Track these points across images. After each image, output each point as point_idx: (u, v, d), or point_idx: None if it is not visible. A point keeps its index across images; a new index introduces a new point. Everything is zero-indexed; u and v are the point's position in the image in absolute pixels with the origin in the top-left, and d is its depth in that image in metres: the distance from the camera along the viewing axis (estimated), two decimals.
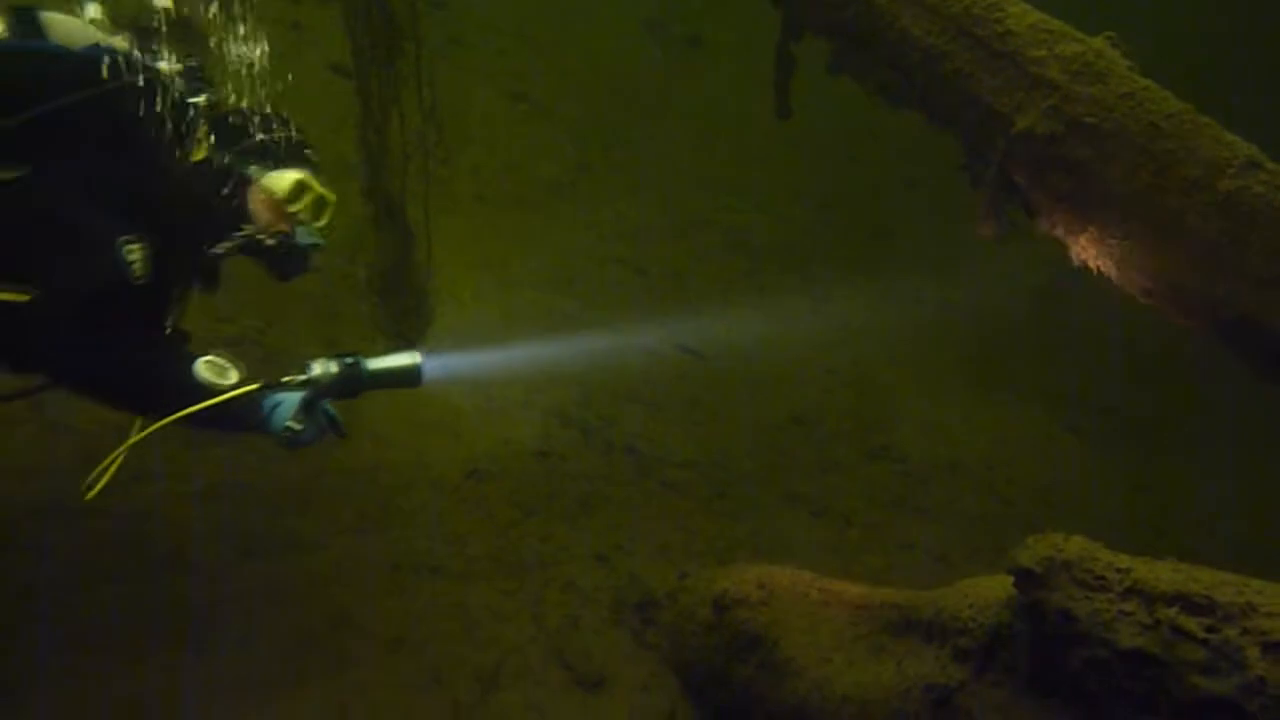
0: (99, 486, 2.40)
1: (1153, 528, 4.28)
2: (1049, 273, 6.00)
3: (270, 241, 2.59)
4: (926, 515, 4.17)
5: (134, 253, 2.30)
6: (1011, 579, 1.97)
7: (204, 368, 2.43)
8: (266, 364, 3.65)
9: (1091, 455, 4.92)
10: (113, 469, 2.41)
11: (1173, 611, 1.65)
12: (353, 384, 2.62)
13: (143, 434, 2.43)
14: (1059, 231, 3.07)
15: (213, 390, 2.40)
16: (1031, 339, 5.74)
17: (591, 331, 5.10)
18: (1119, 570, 1.76)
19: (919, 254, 6.55)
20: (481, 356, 3.32)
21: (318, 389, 2.56)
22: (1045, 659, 1.91)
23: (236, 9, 2.58)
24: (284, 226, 2.59)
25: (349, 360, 2.61)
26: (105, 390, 2.40)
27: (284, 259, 2.66)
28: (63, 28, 2.33)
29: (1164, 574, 1.72)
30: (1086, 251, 3.04)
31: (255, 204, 2.57)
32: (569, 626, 3.03)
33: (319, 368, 2.59)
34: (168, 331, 2.62)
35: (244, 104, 2.64)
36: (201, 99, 2.52)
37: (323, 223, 2.65)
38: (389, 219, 3.93)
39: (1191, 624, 1.62)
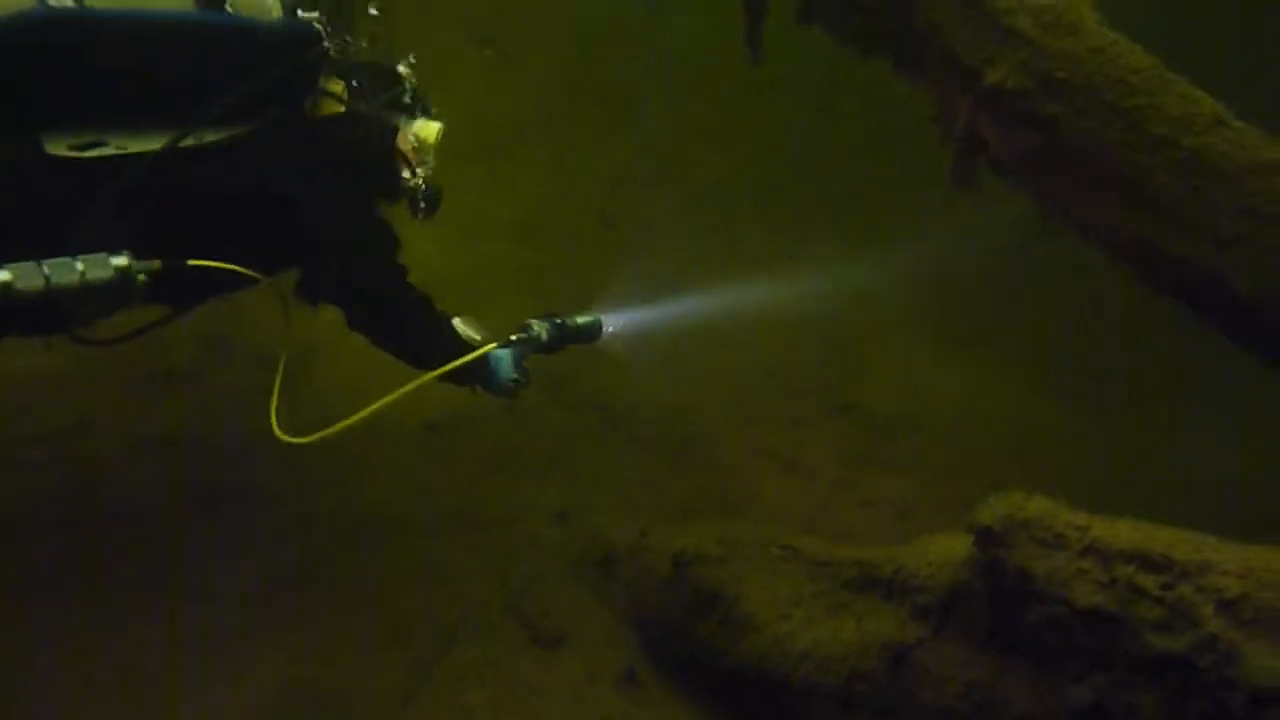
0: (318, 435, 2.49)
1: (1123, 483, 4.31)
2: (1021, 230, 6.02)
3: (426, 187, 2.79)
4: (893, 470, 4.17)
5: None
6: (972, 537, 1.97)
7: (460, 325, 2.79)
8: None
9: (1063, 411, 4.94)
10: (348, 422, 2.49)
11: (1130, 569, 1.65)
12: (556, 340, 3.03)
13: (409, 388, 2.57)
14: (1029, 188, 3.05)
15: (471, 345, 2.71)
16: (1003, 295, 5.73)
17: (561, 284, 5.04)
18: (1078, 528, 1.76)
19: (893, 207, 6.50)
20: (639, 315, 3.57)
21: (533, 345, 2.95)
22: (1003, 617, 1.92)
23: None
24: (424, 171, 2.79)
25: (556, 319, 3.04)
26: (404, 338, 2.65)
27: (434, 200, 2.84)
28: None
29: (1123, 532, 1.72)
30: (1056, 209, 3.01)
31: (405, 151, 2.75)
32: (530, 583, 3.02)
33: (536, 326, 2.99)
34: None
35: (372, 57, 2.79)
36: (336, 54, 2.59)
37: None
38: None
39: (1148, 581, 1.63)
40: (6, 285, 1.85)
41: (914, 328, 5.62)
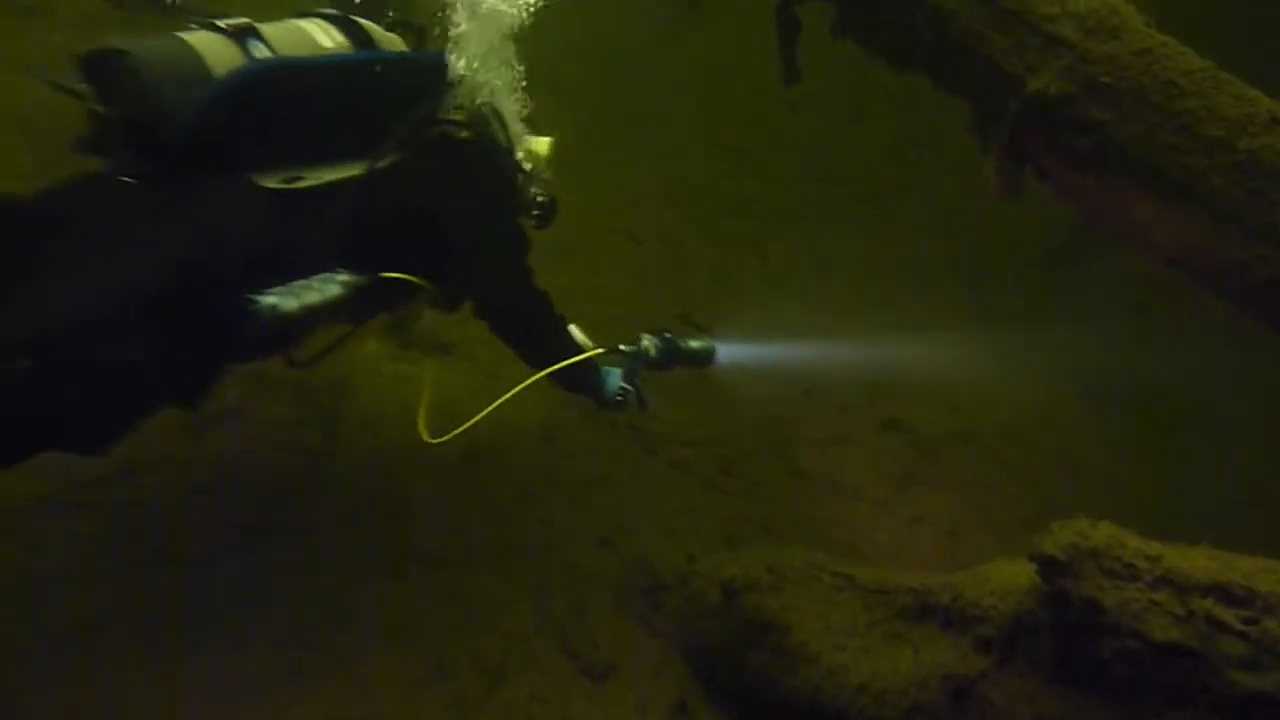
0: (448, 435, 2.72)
1: (1169, 501, 4.18)
2: (1061, 235, 5.89)
3: (543, 197, 2.93)
4: (940, 488, 4.08)
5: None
6: (1034, 565, 1.89)
7: (575, 331, 2.98)
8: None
9: (1107, 423, 4.81)
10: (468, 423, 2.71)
11: (1208, 602, 1.56)
12: (666, 358, 3.14)
13: (521, 387, 2.74)
14: (1074, 195, 2.96)
15: (582, 348, 2.91)
16: (1042, 303, 5.62)
17: (595, 303, 4.99)
18: (1149, 558, 1.68)
19: (925, 217, 6.40)
20: (752, 347, 3.69)
21: (643, 359, 3.09)
22: (1070, 649, 1.83)
23: None
24: (540, 186, 2.93)
25: (667, 336, 3.16)
26: (526, 335, 2.87)
27: (550, 210, 2.97)
28: (379, 33, 2.57)
29: (1198, 562, 1.63)
30: (1104, 215, 2.93)
31: (523, 166, 2.90)
32: (574, 613, 2.96)
33: (646, 341, 3.12)
34: None
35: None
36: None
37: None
38: None
39: (1229, 615, 1.54)
40: (272, 308, 2.06)
41: (953, 341, 5.52)
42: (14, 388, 1.78)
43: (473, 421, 2.71)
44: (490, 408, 2.71)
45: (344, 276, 2.24)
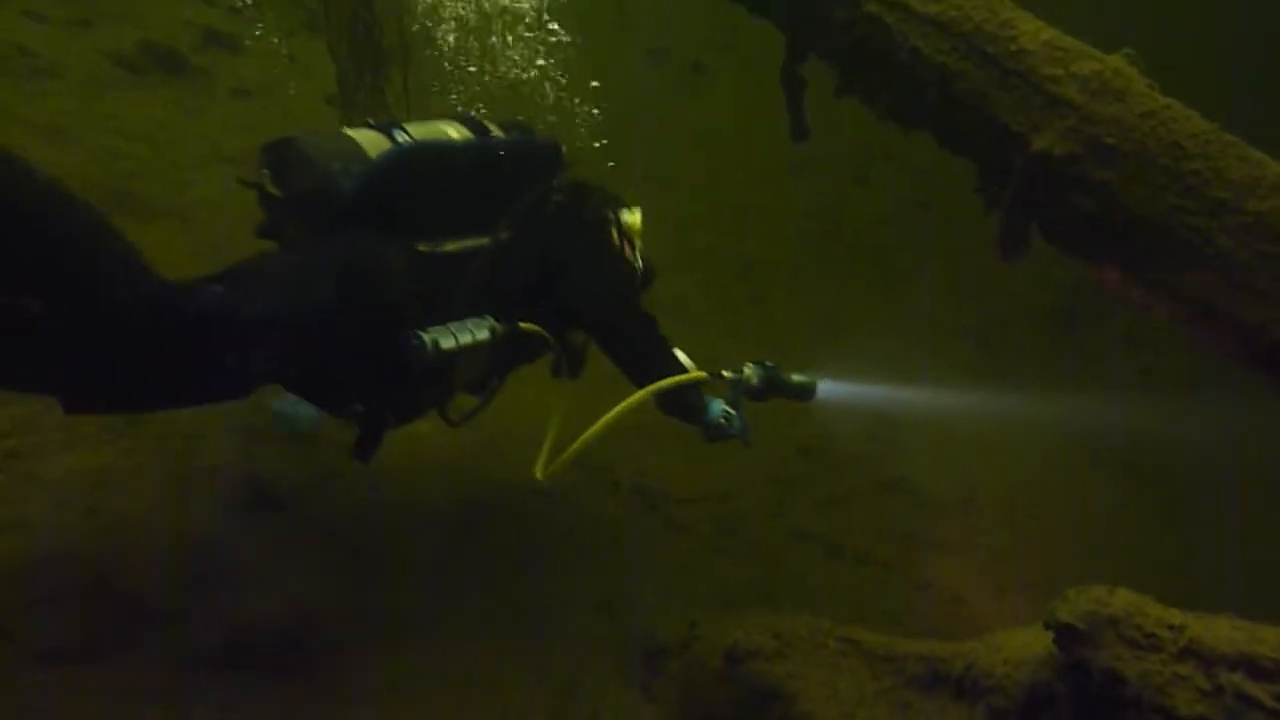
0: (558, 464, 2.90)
1: (1180, 564, 4.10)
2: (1066, 296, 5.89)
3: (639, 263, 3.20)
4: (943, 551, 4.00)
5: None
6: (1050, 633, 1.82)
7: (679, 352, 3.16)
8: None
9: (1113, 485, 4.74)
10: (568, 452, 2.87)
11: (1236, 676, 1.49)
12: (767, 388, 3.22)
13: (623, 406, 2.87)
14: (1080, 254, 2.94)
15: (686, 369, 3.06)
16: (1046, 363, 5.58)
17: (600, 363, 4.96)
18: (1172, 628, 1.61)
19: (930, 277, 6.41)
20: (850, 386, 3.62)
21: (744, 388, 3.18)
22: None
23: None
24: (632, 252, 3.20)
25: (769, 366, 3.24)
26: (643, 359, 3.07)
27: (649, 273, 3.28)
28: (495, 128, 2.91)
29: (1222, 632, 1.56)
30: (1110, 275, 2.90)
31: (617, 233, 3.17)
32: (573, 685, 2.86)
33: (748, 369, 3.20)
34: None
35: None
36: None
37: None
38: None
39: (1259, 690, 1.47)
40: (434, 342, 2.38)
41: (957, 399, 5.47)
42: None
43: (578, 445, 2.83)
44: (595, 428, 2.83)
45: (492, 322, 2.54)
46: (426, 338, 2.39)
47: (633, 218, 3.24)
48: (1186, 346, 2.82)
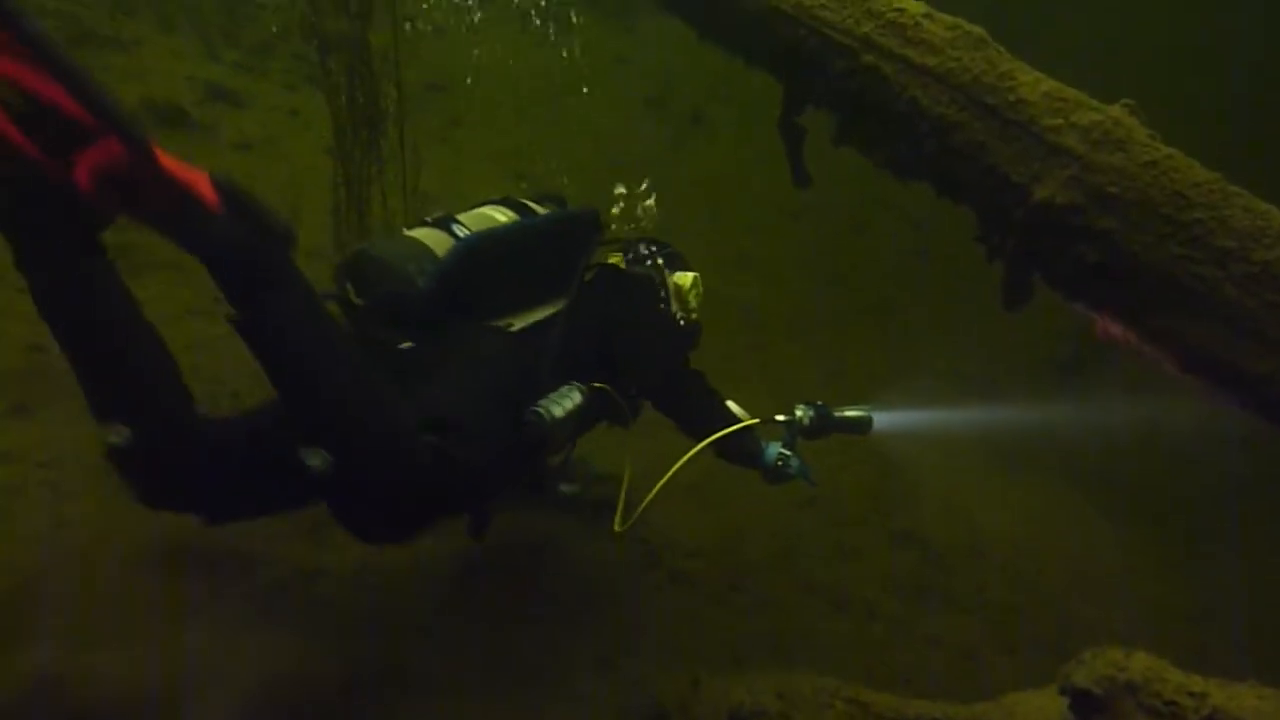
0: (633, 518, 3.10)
1: (1192, 617, 4.02)
2: (1069, 345, 5.86)
3: (685, 320, 3.43)
4: (953, 606, 3.92)
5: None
6: (1065, 698, 1.75)
7: (730, 403, 3.41)
8: None
9: (1122, 534, 4.66)
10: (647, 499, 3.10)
11: None
12: (821, 426, 3.42)
13: (686, 457, 3.11)
14: (1084, 303, 2.91)
15: (739, 419, 3.30)
16: (1053, 414, 5.53)
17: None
18: (1193, 695, 1.54)
19: (931, 326, 6.39)
20: (908, 416, 3.74)
21: (798, 429, 3.40)
22: None
23: None
24: (683, 311, 3.44)
25: (820, 405, 3.43)
26: (697, 415, 3.39)
27: (693, 335, 3.50)
28: (533, 205, 3.09)
29: (1246, 701, 1.50)
30: (1114, 324, 2.87)
31: (664, 294, 3.41)
32: None
33: (799, 410, 3.42)
34: None
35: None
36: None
37: (697, 307, 3.50)
38: None
39: None
40: (549, 412, 2.51)
41: (962, 448, 5.41)
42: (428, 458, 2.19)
43: (649, 497, 3.07)
44: (664, 479, 3.05)
45: (578, 386, 2.69)
46: (542, 409, 2.54)
47: (683, 279, 3.45)
48: (1191, 394, 2.76)
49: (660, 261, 3.51)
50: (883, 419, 3.51)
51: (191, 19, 7.02)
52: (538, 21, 8.78)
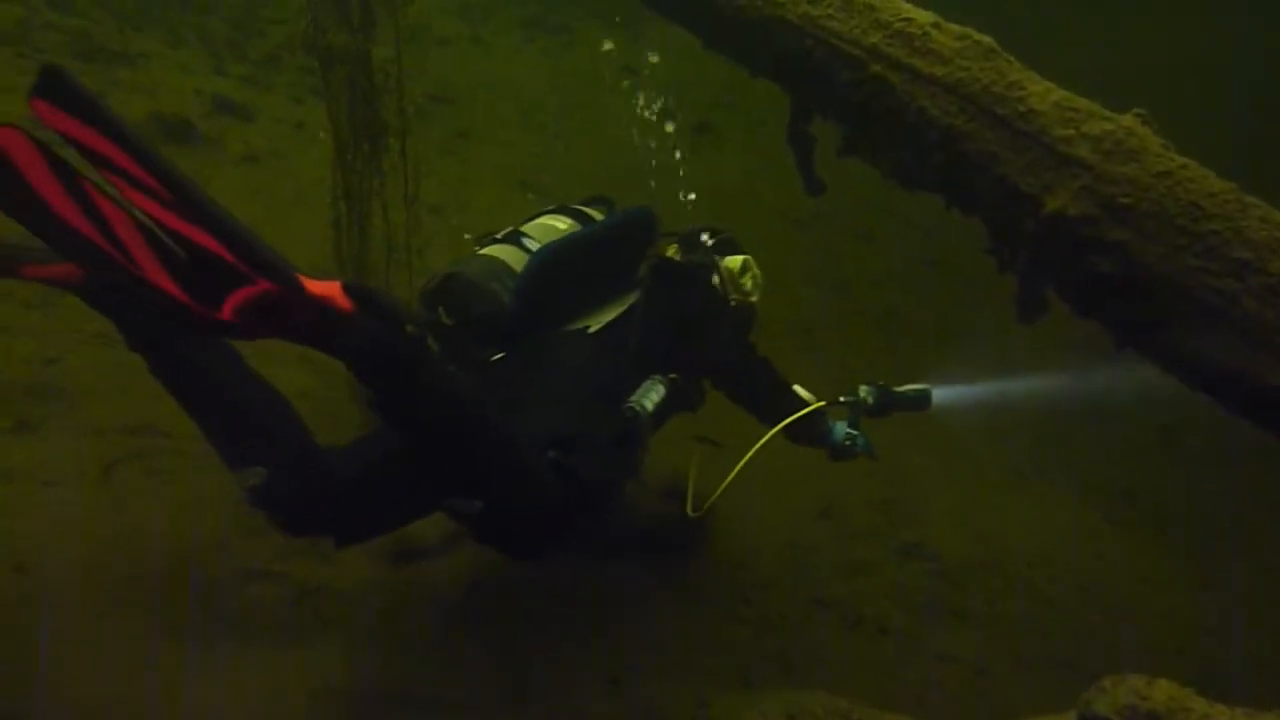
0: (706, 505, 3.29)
1: (1209, 635, 3.95)
2: (1081, 355, 5.79)
3: (737, 303, 3.54)
4: (965, 621, 3.86)
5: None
6: None
7: (799, 389, 3.58)
8: None
9: (1137, 549, 4.60)
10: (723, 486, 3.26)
11: None
12: (883, 404, 3.56)
13: (760, 443, 3.25)
14: (1098, 316, 2.87)
15: (807, 403, 3.46)
16: (1066, 425, 5.46)
17: None
18: None
19: (941, 335, 6.33)
20: (965, 390, 3.84)
21: (862, 408, 3.55)
22: None
23: None
24: (737, 294, 3.55)
25: (881, 385, 3.60)
26: (765, 399, 3.56)
27: (747, 316, 3.63)
28: (587, 209, 3.24)
29: None
30: (1130, 335, 2.82)
31: (716, 281, 3.51)
32: None
33: (862, 391, 3.57)
34: None
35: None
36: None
37: (754, 290, 3.62)
38: None
39: None
40: (644, 408, 2.72)
41: (972, 459, 5.36)
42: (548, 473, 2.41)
43: (725, 484, 3.20)
44: (739, 465, 3.18)
45: (660, 379, 2.87)
46: (636, 404, 2.74)
47: (733, 262, 3.56)
48: (1205, 403, 2.72)
49: (711, 248, 3.62)
50: (940, 394, 3.64)
51: (199, 33, 7.03)
52: (544, 32, 8.78)
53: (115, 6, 6.67)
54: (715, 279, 3.50)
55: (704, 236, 3.67)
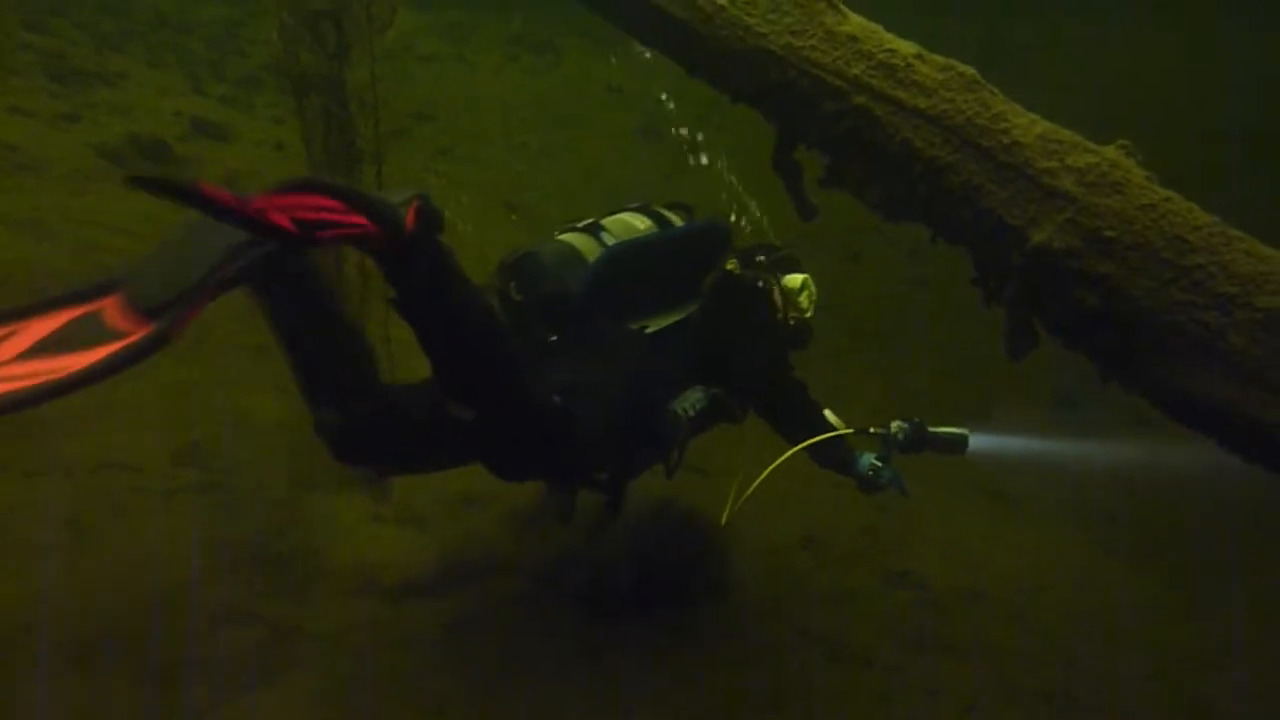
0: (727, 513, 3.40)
1: (1205, 657, 3.90)
2: (1068, 378, 5.77)
3: (794, 321, 3.60)
4: (952, 652, 3.80)
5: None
6: None
7: (828, 411, 3.56)
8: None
9: (1128, 575, 4.55)
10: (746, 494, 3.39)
11: None
12: (917, 441, 3.54)
13: (780, 460, 3.33)
14: (1084, 349, 2.83)
15: (834, 427, 3.48)
16: (1050, 444, 5.42)
17: None
18: None
19: (928, 356, 6.31)
20: (1006, 440, 3.80)
21: (893, 442, 3.52)
22: None
23: None
24: (795, 313, 3.61)
25: (916, 422, 3.55)
26: (794, 419, 3.56)
27: (803, 334, 3.67)
28: (667, 213, 3.28)
29: None
30: (1115, 367, 2.79)
31: (776, 298, 3.56)
32: None
33: (894, 425, 3.54)
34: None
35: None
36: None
37: (809, 308, 3.67)
38: None
39: None
40: (680, 410, 2.88)
41: (958, 484, 5.32)
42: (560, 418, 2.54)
43: (749, 492, 3.33)
44: (762, 476, 3.28)
45: (702, 389, 3.00)
46: (677, 407, 2.88)
47: (793, 281, 3.63)
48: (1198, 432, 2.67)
49: (770, 266, 3.66)
50: (979, 440, 3.57)
51: (178, 53, 6.98)
52: (527, 50, 8.75)
53: (93, 27, 6.61)
54: (776, 296, 3.57)
55: (758, 254, 3.72)
